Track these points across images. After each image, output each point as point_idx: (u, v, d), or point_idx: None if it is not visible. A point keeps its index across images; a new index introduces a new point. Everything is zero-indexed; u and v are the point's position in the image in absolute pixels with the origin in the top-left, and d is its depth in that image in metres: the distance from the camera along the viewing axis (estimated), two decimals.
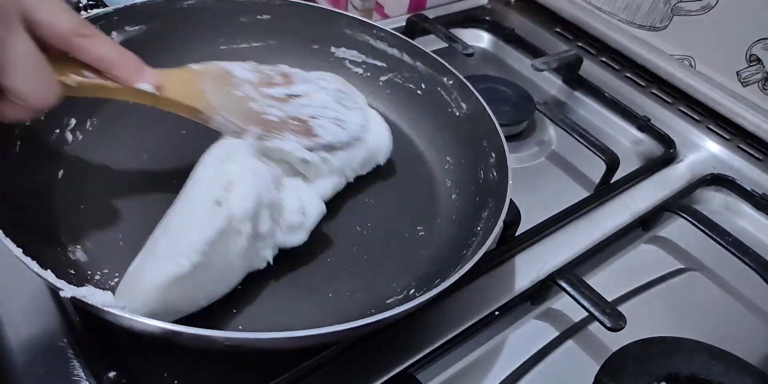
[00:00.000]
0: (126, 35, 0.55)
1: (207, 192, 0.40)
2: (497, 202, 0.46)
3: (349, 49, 0.62)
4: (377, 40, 0.61)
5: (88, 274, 0.42)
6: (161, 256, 0.37)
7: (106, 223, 0.46)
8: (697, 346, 0.46)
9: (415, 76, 0.60)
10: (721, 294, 0.56)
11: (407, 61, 0.60)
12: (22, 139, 0.45)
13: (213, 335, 0.33)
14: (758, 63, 0.69)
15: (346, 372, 0.44)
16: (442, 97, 0.58)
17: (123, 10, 0.53)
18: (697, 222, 0.56)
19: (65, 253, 0.43)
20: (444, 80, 0.58)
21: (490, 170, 0.51)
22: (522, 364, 0.47)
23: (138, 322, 0.33)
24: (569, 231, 0.57)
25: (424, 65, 0.59)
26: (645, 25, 0.79)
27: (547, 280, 0.50)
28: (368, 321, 0.35)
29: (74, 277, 0.41)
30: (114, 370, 0.39)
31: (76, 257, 0.43)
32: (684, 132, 0.72)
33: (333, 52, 0.63)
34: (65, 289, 0.34)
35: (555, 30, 0.86)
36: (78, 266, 0.43)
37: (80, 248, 0.44)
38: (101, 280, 0.43)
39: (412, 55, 0.60)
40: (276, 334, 0.33)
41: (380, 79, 0.63)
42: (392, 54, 0.61)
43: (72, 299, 0.34)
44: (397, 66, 0.61)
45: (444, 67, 0.57)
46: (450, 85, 0.57)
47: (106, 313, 0.34)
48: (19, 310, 0.44)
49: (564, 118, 0.64)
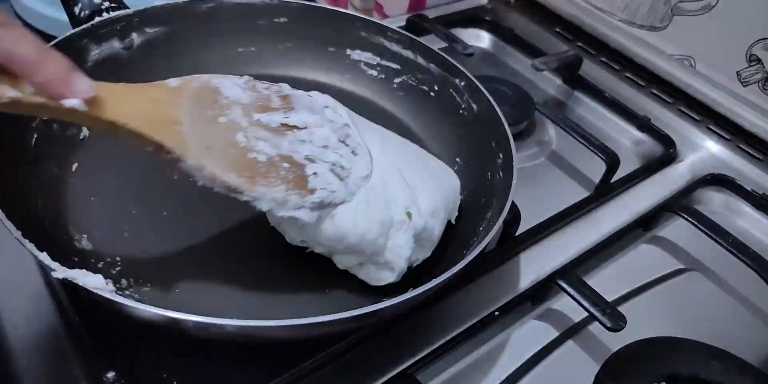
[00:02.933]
0: (145, 36, 0.56)
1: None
2: (500, 202, 0.47)
3: (365, 51, 0.63)
4: (392, 43, 0.61)
5: (91, 262, 0.44)
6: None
7: (113, 215, 0.47)
8: (697, 346, 0.46)
9: (429, 77, 0.61)
10: (721, 294, 0.56)
11: (421, 63, 0.60)
12: (39, 133, 0.47)
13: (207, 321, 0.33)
14: (758, 63, 0.69)
15: (346, 372, 0.44)
16: (454, 98, 0.58)
17: (143, 11, 0.54)
18: (697, 222, 0.56)
19: (71, 241, 0.44)
20: (456, 82, 0.58)
21: (497, 171, 0.51)
22: (522, 364, 0.47)
23: (127, 306, 0.33)
24: (569, 231, 0.57)
25: (437, 67, 0.59)
26: (645, 25, 0.79)
27: (548, 281, 0.50)
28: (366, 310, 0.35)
29: (77, 264, 0.42)
30: (113, 370, 0.39)
31: (82, 246, 0.45)
32: (684, 132, 0.72)
33: (348, 55, 0.63)
34: (57, 270, 0.35)
35: (555, 30, 0.86)
36: (82, 254, 0.44)
37: (86, 237, 0.45)
38: (103, 268, 0.44)
39: (426, 57, 0.60)
40: (269, 322, 0.34)
41: (394, 81, 0.63)
42: (406, 56, 0.61)
43: (64, 280, 0.35)
44: (411, 68, 0.61)
45: (456, 68, 0.57)
46: (462, 87, 0.57)
47: (96, 295, 0.34)
48: (19, 310, 0.44)
49: (564, 118, 0.64)
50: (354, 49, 0.63)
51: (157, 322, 0.35)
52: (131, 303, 0.33)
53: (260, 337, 0.39)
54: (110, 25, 0.53)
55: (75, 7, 0.53)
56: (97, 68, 0.53)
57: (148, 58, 0.57)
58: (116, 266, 0.44)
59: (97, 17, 0.52)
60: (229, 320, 0.33)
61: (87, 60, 0.52)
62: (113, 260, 0.44)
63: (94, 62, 0.53)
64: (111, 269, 0.44)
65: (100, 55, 0.53)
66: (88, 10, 0.52)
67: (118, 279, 0.43)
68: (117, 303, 0.34)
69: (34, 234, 0.36)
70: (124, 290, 0.42)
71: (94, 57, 0.52)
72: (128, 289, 0.43)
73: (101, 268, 0.43)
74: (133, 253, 0.45)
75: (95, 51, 0.52)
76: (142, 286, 0.43)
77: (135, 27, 0.55)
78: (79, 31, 0.51)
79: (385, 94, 0.63)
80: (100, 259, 0.44)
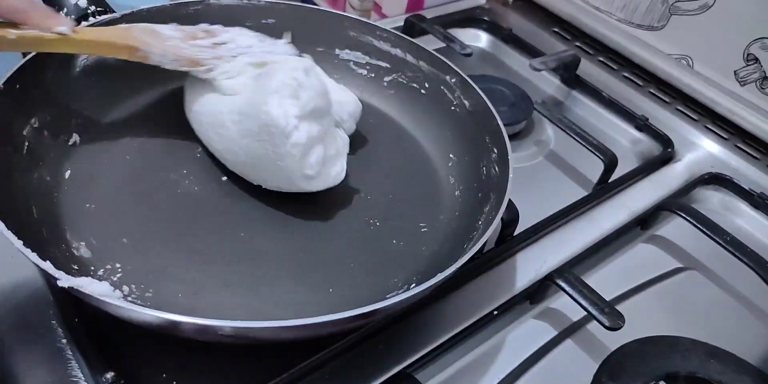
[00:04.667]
0: None
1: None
2: (498, 195, 0.47)
3: (353, 50, 0.63)
4: (381, 41, 0.61)
5: (91, 269, 0.43)
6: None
7: (110, 221, 0.47)
8: (696, 345, 0.46)
9: (419, 75, 0.60)
10: (719, 293, 0.56)
11: (411, 60, 0.60)
12: (29, 141, 0.46)
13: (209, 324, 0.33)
14: (756, 62, 0.70)
15: (345, 372, 0.44)
16: (446, 95, 0.58)
17: (130, 15, 0.54)
18: (695, 221, 0.56)
19: (69, 249, 0.44)
20: (447, 79, 0.58)
21: (492, 166, 0.51)
22: (521, 363, 0.47)
23: (136, 312, 0.33)
24: (567, 230, 0.57)
25: (427, 64, 0.59)
26: (643, 24, 0.79)
27: (546, 280, 0.50)
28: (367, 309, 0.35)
29: (77, 272, 0.42)
30: (112, 371, 0.39)
31: (80, 253, 0.44)
32: (682, 131, 0.72)
33: (337, 54, 0.63)
34: (62, 279, 0.34)
35: (553, 30, 0.86)
36: (81, 262, 0.43)
37: (84, 245, 0.45)
38: (104, 275, 0.43)
39: (416, 54, 0.60)
40: (272, 323, 0.34)
41: (384, 80, 0.63)
42: (395, 54, 0.61)
43: (69, 289, 0.35)
44: (401, 66, 0.61)
45: (447, 65, 0.57)
46: (453, 83, 0.57)
47: (103, 303, 0.34)
48: (18, 310, 0.44)
49: (562, 118, 0.64)
50: (343, 48, 0.63)
51: (161, 325, 0.35)
52: (140, 309, 0.33)
53: (259, 338, 0.39)
54: None
55: (61, 11, 0.52)
56: (86, 73, 0.52)
57: (136, 62, 0.56)
58: (117, 273, 0.43)
59: (83, 22, 0.51)
60: (228, 322, 0.33)
61: (75, 65, 0.51)
62: (113, 267, 0.44)
63: (82, 67, 0.52)
64: (112, 276, 0.43)
65: (89, 61, 0.52)
66: (75, 14, 0.52)
67: (120, 286, 0.42)
68: (125, 309, 0.33)
69: (33, 243, 0.35)
70: (126, 297, 0.42)
71: (82, 62, 0.52)
72: (131, 295, 0.42)
73: (101, 276, 0.43)
74: (133, 259, 0.44)
75: (83, 56, 0.51)
76: (144, 292, 0.42)
77: None
78: None
79: (376, 93, 0.63)
80: (100, 267, 0.43)
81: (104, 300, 0.34)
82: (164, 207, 0.49)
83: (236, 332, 0.35)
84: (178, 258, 0.45)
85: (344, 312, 0.35)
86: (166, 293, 0.43)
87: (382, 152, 0.58)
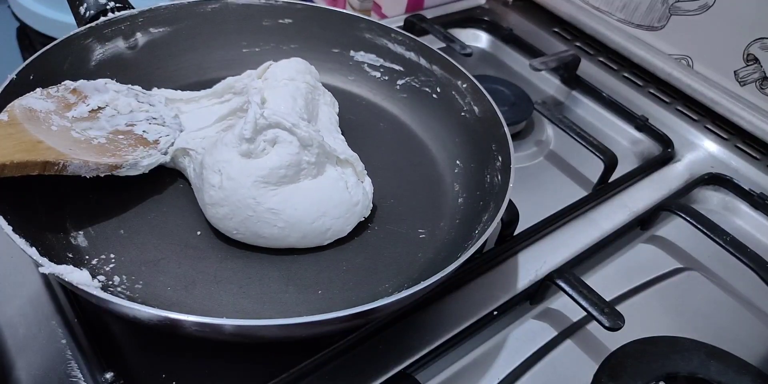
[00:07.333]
0: (150, 36, 0.56)
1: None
2: (497, 204, 0.46)
3: (368, 52, 0.63)
4: (395, 44, 0.61)
5: (85, 258, 0.44)
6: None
7: (110, 213, 0.47)
8: (696, 346, 0.46)
9: (432, 79, 0.60)
10: (719, 293, 0.56)
11: (424, 64, 0.60)
12: None
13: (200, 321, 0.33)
14: (755, 62, 0.70)
15: (344, 372, 0.44)
16: (457, 101, 0.58)
17: (148, 12, 0.54)
18: (695, 221, 0.56)
19: (67, 237, 0.44)
20: (458, 84, 0.58)
21: (495, 174, 0.51)
22: (521, 363, 0.47)
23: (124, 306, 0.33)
24: (567, 231, 0.57)
25: (440, 69, 0.59)
26: (643, 24, 0.79)
27: (546, 280, 0.50)
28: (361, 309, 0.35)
29: (71, 260, 0.42)
30: (112, 371, 0.39)
31: (77, 242, 0.45)
32: (682, 131, 0.72)
33: (352, 56, 0.63)
34: (45, 265, 0.35)
35: (553, 30, 0.86)
36: (77, 250, 0.44)
37: (82, 234, 0.45)
38: (97, 264, 0.44)
39: (429, 58, 0.60)
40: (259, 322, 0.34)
41: (397, 83, 0.63)
42: (409, 58, 0.61)
43: (50, 276, 0.35)
44: (414, 70, 0.61)
45: (459, 70, 0.57)
46: (464, 89, 0.57)
47: (83, 291, 0.35)
48: (18, 311, 0.44)
49: (562, 118, 0.64)
50: (358, 50, 0.63)
51: (148, 320, 0.35)
52: (115, 299, 0.34)
53: (253, 337, 0.39)
54: (115, 24, 0.53)
55: (80, 7, 0.53)
56: (101, 68, 0.53)
57: (152, 58, 0.57)
58: (110, 263, 0.44)
59: (102, 17, 0.52)
60: (223, 320, 0.33)
61: (90, 59, 0.52)
62: (107, 257, 0.44)
63: (97, 62, 0.53)
64: (104, 266, 0.44)
65: (104, 55, 0.53)
66: (94, 10, 0.53)
67: (111, 276, 0.43)
68: (102, 299, 0.34)
69: (29, 229, 0.36)
70: (116, 287, 0.42)
71: (98, 57, 0.53)
72: (120, 286, 0.42)
73: (95, 265, 0.43)
74: (127, 250, 0.45)
75: (99, 51, 0.53)
76: (134, 283, 0.43)
77: (140, 27, 0.55)
78: (82, 30, 0.51)
79: (388, 96, 0.63)
80: (93, 256, 0.44)
81: (81, 288, 0.34)
82: (164, 202, 0.49)
83: (228, 330, 0.35)
84: (171, 252, 0.46)
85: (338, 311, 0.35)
86: (156, 286, 0.43)
87: (390, 156, 0.57)
